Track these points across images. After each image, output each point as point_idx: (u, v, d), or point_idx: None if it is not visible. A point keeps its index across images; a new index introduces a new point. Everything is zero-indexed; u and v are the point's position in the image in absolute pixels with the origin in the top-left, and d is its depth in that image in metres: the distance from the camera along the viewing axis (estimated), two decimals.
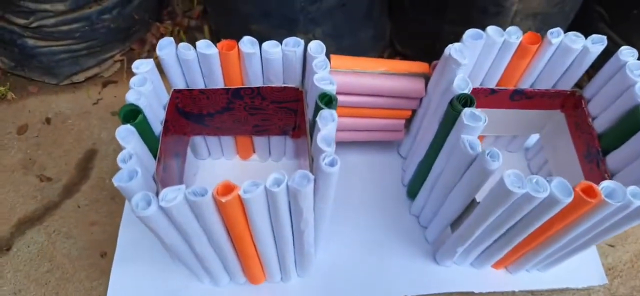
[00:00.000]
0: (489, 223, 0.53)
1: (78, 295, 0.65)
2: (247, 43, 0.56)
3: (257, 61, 0.58)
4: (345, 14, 0.77)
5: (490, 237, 0.57)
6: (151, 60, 0.55)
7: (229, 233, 0.52)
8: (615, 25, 0.76)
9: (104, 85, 0.87)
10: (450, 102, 0.53)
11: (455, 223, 0.61)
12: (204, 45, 0.56)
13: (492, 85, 0.63)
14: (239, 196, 0.46)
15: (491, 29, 0.56)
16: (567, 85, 0.62)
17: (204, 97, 0.62)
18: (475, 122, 0.50)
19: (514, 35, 0.56)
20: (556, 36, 0.55)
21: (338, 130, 0.68)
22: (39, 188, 0.75)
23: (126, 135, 0.49)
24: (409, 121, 0.72)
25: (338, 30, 0.78)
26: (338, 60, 0.62)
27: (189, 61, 0.57)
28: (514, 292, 0.67)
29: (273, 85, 0.61)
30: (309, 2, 0.73)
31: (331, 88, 0.53)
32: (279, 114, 0.66)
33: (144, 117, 0.52)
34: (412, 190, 0.71)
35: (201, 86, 0.61)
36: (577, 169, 0.63)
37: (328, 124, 0.50)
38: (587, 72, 0.60)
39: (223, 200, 0.45)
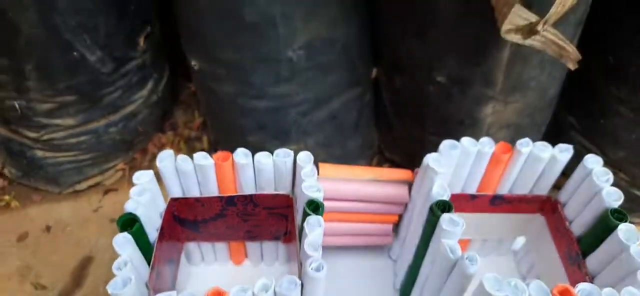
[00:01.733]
0: None
1: None
2: (241, 154, 0.61)
3: (250, 171, 0.62)
4: (335, 125, 0.83)
5: None
6: (151, 172, 0.59)
7: None
8: (586, 134, 0.81)
9: (105, 192, 0.91)
10: (430, 208, 0.56)
11: None
12: (201, 156, 0.60)
13: (472, 191, 0.66)
14: None
15: (465, 140, 0.61)
16: (544, 190, 0.65)
17: (199, 204, 0.65)
18: (454, 226, 0.53)
19: (487, 145, 0.61)
20: (525, 146, 0.60)
21: (328, 234, 0.71)
22: None
23: (123, 243, 0.52)
24: (397, 225, 0.75)
25: (328, 140, 0.84)
26: (326, 168, 0.66)
27: (186, 172, 0.61)
28: None
29: (265, 193, 0.64)
30: (301, 115, 0.79)
31: (318, 196, 0.57)
32: (270, 220, 0.69)
33: (141, 225, 0.55)
34: (404, 294, 0.72)
35: (197, 194, 0.64)
36: (561, 271, 0.64)
37: (315, 230, 0.53)
38: (564, 174, 0.64)
39: None
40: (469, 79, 0.67)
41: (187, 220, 0.68)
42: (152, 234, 0.59)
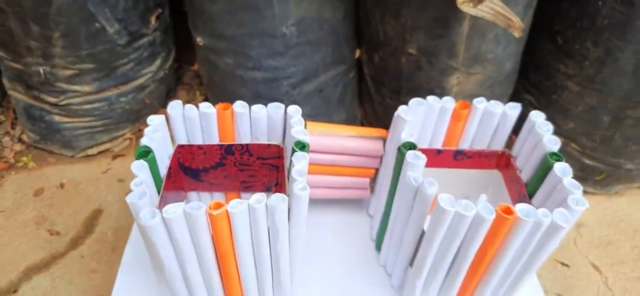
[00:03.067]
0: (436, 250, 0.64)
1: None
2: (239, 105, 0.71)
3: (246, 120, 0.72)
4: (322, 98, 0.94)
5: (441, 266, 0.66)
6: (163, 116, 0.69)
7: (215, 253, 0.62)
8: (542, 110, 0.92)
9: (114, 157, 1.01)
10: (398, 149, 0.67)
11: (412, 261, 0.71)
12: (205, 106, 0.71)
13: (438, 146, 0.77)
14: (227, 211, 0.57)
15: (430, 98, 0.72)
16: (499, 146, 0.76)
17: (201, 152, 0.75)
18: (417, 160, 0.63)
19: (448, 102, 0.71)
20: (480, 102, 0.71)
21: (311, 186, 0.81)
22: (48, 240, 0.85)
23: (140, 167, 0.62)
24: (373, 182, 0.85)
25: (316, 112, 0.95)
26: (312, 125, 0.77)
27: (192, 118, 0.71)
28: None
29: (259, 143, 0.75)
30: (292, 87, 0.90)
31: (305, 138, 0.67)
32: (263, 170, 0.79)
33: (154, 157, 0.65)
34: (379, 242, 0.82)
35: (200, 142, 0.74)
36: None
37: (301, 161, 0.63)
38: (515, 133, 0.75)
39: (214, 213, 0.56)
40: (435, 51, 0.78)
41: (190, 168, 0.78)
42: (162, 171, 0.69)
